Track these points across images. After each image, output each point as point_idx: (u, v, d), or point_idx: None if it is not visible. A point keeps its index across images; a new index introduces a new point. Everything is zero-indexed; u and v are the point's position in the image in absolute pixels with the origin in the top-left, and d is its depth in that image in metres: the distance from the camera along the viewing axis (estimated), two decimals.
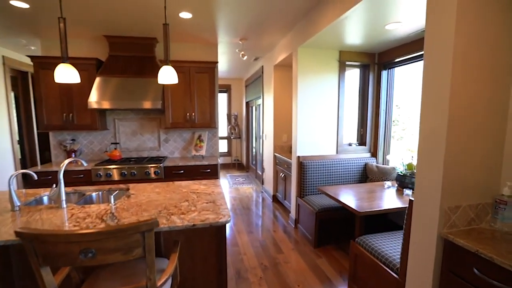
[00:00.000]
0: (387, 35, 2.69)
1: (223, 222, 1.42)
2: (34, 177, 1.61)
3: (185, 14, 2.73)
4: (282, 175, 3.96)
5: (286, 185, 3.84)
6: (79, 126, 3.28)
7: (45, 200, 1.91)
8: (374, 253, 1.87)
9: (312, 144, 3.32)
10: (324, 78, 3.27)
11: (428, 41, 1.35)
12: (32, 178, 1.64)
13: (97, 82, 3.14)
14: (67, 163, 1.67)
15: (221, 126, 7.28)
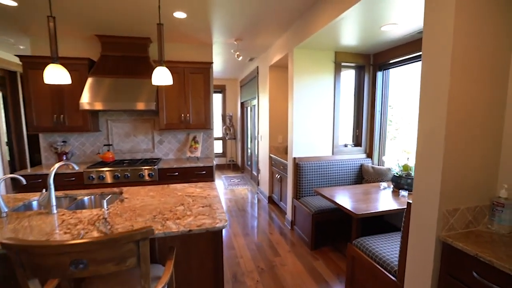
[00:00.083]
0: (383, 37, 2.69)
1: (220, 227, 1.39)
2: (23, 182, 1.55)
3: (180, 14, 2.68)
4: (278, 176, 3.94)
5: (282, 186, 3.82)
6: (71, 128, 3.20)
7: (35, 205, 1.85)
8: (372, 256, 1.86)
9: (308, 145, 3.31)
10: (320, 79, 3.26)
11: (426, 41, 1.34)
12: (21, 182, 1.58)
13: (89, 83, 3.07)
14: (58, 166, 1.62)
15: (216, 127, 7.23)
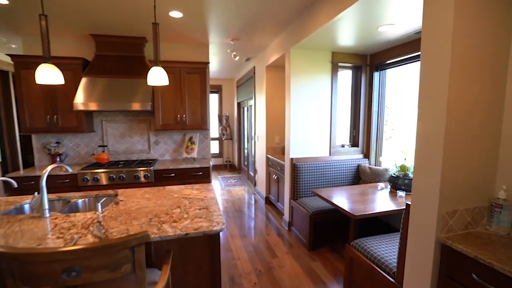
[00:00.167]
0: (380, 37, 2.69)
1: (217, 231, 1.37)
2: (14, 185, 1.51)
3: (176, 13, 2.65)
4: (275, 177, 3.92)
5: (279, 187, 3.81)
6: (64, 129, 3.14)
7: (27, 209, 1.80)
8: (370, 257, 1.85)
9: (305, 146, 3.30)
10: (317, 79, 3.26)
11: (425, 41, 1.33)
12: (12, 185, 1.54)
13: (83, 83, 3.01)
14: (51, 169, 1.58)
15: (212, 127, 7.18)
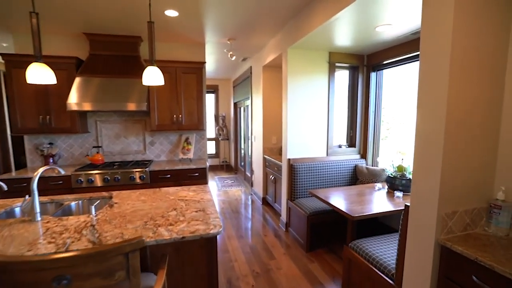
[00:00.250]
0: (377, 37, 2.68)
1: (214, 234, 1.34)
2: (4, 188, 1.46)
3: (171, 12, 2.61)
4: (272, 178, 3.90)
5: (276, 188, 3.79)
6: (57, 129, 3.08)
7: (17, 212, 1.75)
8: (368, 258, 1.84)
9: (302, 146, 3.28)
10: (314, 79, 3.24)
11: (425, 41, 1.32)
12: (2, 188, 1.49)
13: (77, 82, 2.96)
14: (43, 171, 1.53)
15: (209, 127, 7.14)
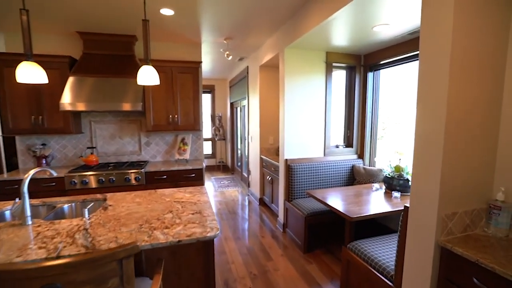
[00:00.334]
0: (374, 37, 2.68)
1: (211, 237, 1.31)
2: None
3: (167, 11, 2.57)
4: (269, 178, 3.88)
5: (274, 188, 3.76)
6: (50, 130, 3.02)
7: (7, 215, 1.70)
8: (367, 260, 1.82)
9: (300, 146, 3.26)
10: (311, 79, 3.23)
11: (424, 41, 1.30)
12: None
13: (71, 82, 2.90)
14: (34, 173, 1.49)
15: (205, 127, 7.09)
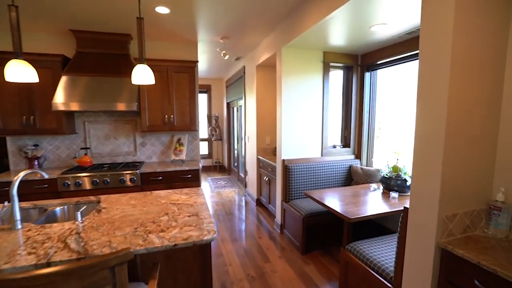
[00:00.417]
0: (371, 37, 2.66)
1: (208, 240, 1.27)
2: None
3: (162, 9, 2.53)
4: (266, 179, 3.85)
5: (271, 189, 3.74)
6: (43, 130, 2.95)
7: None
8: (366, 261, 1.81)
9: (297, 147, 3.24)
10: (309, 79, 3.21)
11: (424, 41, 1.29)
12: None
13: (63, 81, 2.84)
14: (24, 175, 1.44)
15: (202, 128, 7.05)
